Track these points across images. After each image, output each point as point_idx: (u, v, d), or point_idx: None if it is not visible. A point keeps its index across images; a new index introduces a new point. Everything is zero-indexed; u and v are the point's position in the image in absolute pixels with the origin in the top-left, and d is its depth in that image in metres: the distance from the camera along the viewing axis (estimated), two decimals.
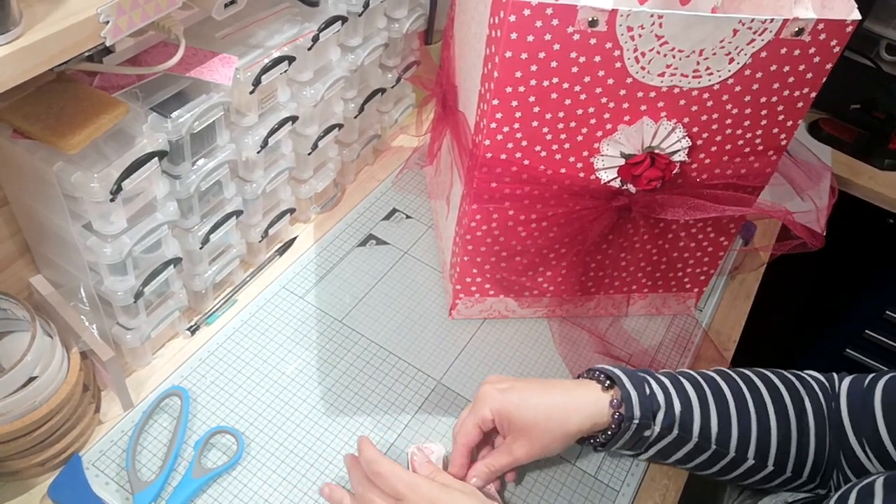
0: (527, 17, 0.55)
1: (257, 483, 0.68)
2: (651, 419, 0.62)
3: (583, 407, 0.63)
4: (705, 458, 0.64)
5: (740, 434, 0.62)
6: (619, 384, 0.63)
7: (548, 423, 0.63)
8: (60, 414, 0.63)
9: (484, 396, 0.65)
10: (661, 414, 0.62)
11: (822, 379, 0.67)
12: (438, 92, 0.84)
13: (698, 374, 0.67)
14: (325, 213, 0.96)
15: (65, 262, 0.67)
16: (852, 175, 1.21)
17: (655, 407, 0.62)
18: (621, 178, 0.68)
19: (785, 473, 0.63)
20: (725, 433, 0.62)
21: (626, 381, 0.63)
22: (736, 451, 0.63)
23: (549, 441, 0.63)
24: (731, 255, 0.96)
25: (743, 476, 0.65)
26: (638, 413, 0.62)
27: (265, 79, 0.70)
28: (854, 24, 0.59)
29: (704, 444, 0.63)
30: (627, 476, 0.72)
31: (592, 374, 0.67)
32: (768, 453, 0.63)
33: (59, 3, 0.49)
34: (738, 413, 0.63)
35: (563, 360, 0.81)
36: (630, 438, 0.63)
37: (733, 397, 0.64)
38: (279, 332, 0.81)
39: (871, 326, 1.40)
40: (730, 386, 0.65)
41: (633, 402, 0.62)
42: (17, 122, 0.56)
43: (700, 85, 0.62)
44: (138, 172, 0.60)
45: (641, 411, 0.62)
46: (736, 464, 0.63)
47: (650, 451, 0.65)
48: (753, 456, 0.63)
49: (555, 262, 0.78)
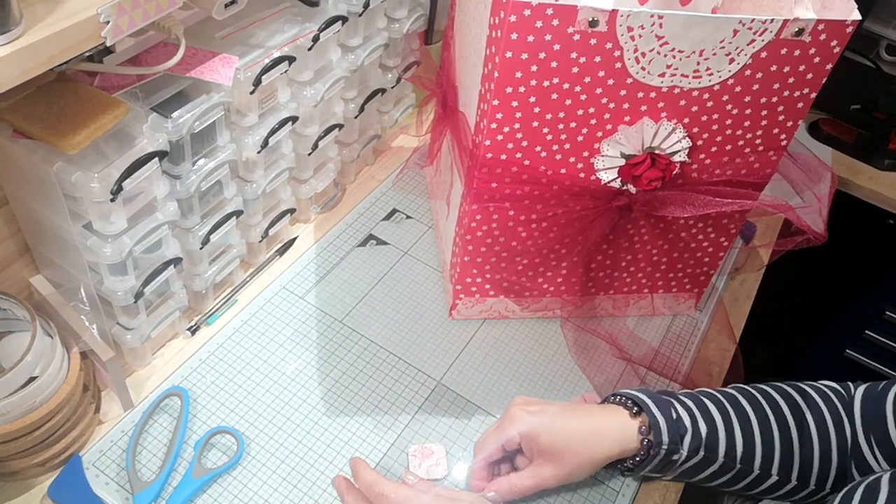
0: (527, 18, 0.55)
1: (257, 483, 0.68)
2: (679, 443, 0.63)
3: (611, 433, 0.63)
4: (730, 476, 0.64)
5: (764, 452, 0.63)
6: (647, 410, 0.63)
7: (577, 448, 0.63)
8: (60, 414, 0.63)
9: (512, 418, 0.64)
10: (687, 437, 0.63)
11: (839, 388, 0.68)
12: (438, 92, 0.84)
13: (720, 392, 0.67)
14: (325, 214, 0.96)
15: (65, 262, 0.67)
16: (852, 175, 1.21)
17: (682, 431, 0.63)
18: (621, 178, 0.68)
19: (808, 486, 0.64)
20: (750, 452, 0.63)
21: (654, 408, 0.63)
22: (760, 468, 0.63)
23: (576, 466, 0.63)
24: (731, 256, 0.96)
25: (768, 491, 0.65)
26: (666, 439, 0.62)
27: (265, 79, 0.70)
28: (854, 25, 0.59)
29: (730, 463, 0.63)
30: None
31: (617, 398, 0.67)
32: (791, 468, 0.64)
33: (60, 3, 0.49)
34: (761, 431, 0.64)
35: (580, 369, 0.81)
36: (658, 463, 0.64)
37: (755, 415, 0.64)
38: (279, 333, 0.81)
39: (871, 326, 1.40)
40: (751, 404, 0.65)
41: (662, 428, 0.62)
42: (18, 122, 0.56)
43: (700, 85, 0.62)
44: (138, 172, 0.60)
45: (669, 436, 0.62)
46: (760, 480, 0.64)
47: (676, 473, 0.66)
48: (777, 472, 0.64)
49: (555, 262, 0.78)
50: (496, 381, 0.79)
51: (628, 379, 0.81)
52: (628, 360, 0.82)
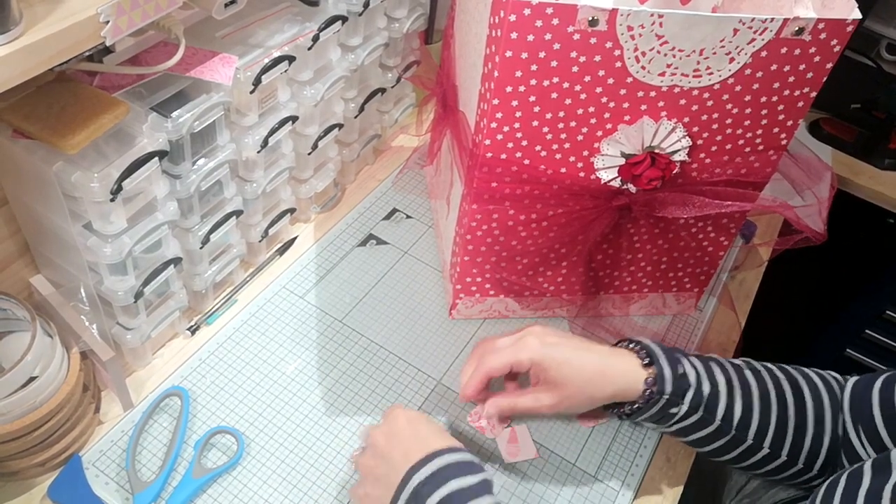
0: (527, 17, 0.55)
1: (257, 483, 0.68)
2: (680, 398, 0.64)
3: (618, 378, 0.65)
4: (723, 442, 0.65)
5: (760, 423, 0.64)
6: (656, 362, 0.65)
7: (581, 385, 0.65)
8: (60, 414, 0.63)
9: (527, 344, 0.66)
10: (689, 393, 0.64)
11: (839, 378, 0.69)
12: (438, 92, 0.84)
13: (727, 361, 0.69)
14: (325, 213, 0.96)
15: (65, 262, 0.67)
16: (852, 175, 1.21)
17: (685, 386, 0.64)
18: (621, 177, 0.68)
19: (796, 465, 0.65)
20: (746, 421, 0.64)
21: (663, 359, 0.65)
22: (753, 439, 0.64)
23: (577, 401, 0.66)
24: (731, 255, 0.96)
25: (757, 465, 0.66)
26: (669, 389, 0.63)
27: (265, 78, 0.69)
28: (854, 24, 0.59)
29: (725, 428, 0.64)
30: (627, 476, 0.72)
31: (630, 344, 0.68)
32: (783, 444, 0.64)
33: (60, 2, 0.49)
34: (760, 403, 0.65)
35: None
36: (656, 412, 0.65)
37: (758, 387, 0.66)
38: (279, 332, 0.81)
39: (871, 326, 1.40)
40: (755, 376, 0.67)
41: (666, 379, 0.63)
42: (17, 121, 0.56)
43: (700, 84, 0.62)
44: (138, 172, 0.60)
45: (672, 388, 0.63)
46: (752, 451, 0.65)
47: (672, 428, 0.66)
48: (769, 445, 0.64)
49: (555, 262, 0.78)
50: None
51: None
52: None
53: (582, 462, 0.73)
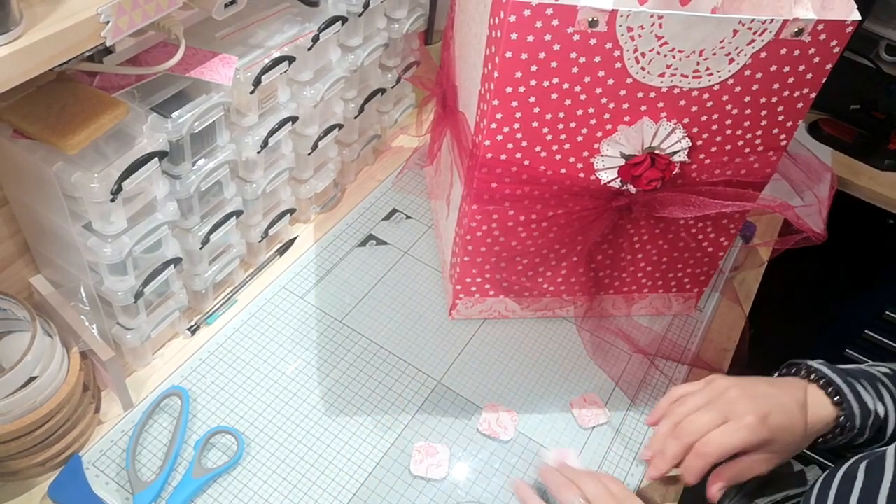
0: (527, 18, 0.55)
1: (257, 483, 0.68)
2: (866, 428, 0.65)
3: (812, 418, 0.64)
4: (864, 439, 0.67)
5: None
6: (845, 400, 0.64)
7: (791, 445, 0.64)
8: (60, 414, 0.63)
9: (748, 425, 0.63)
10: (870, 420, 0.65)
11: None
12: (438, 92, 0.84)
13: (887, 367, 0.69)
14: (325, 213, 0.96)
15: (65, 262, 0.67)
16: (852, 175, 1.21)
17: (867, 415, 0.65)
18: (621, 178, 0.68)
19: None
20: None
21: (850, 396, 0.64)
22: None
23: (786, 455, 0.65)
24: (731, 256, 0.96)
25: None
26: (858, 424, 0.64)
27: (265, 79, 0.70)
28: (854, 25, 0.59)
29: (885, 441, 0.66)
30: (627, 476, 0.72)
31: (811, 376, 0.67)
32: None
33: (60, 3, 0.49)
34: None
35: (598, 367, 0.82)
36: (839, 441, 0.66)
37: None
38: (279, 332, 0.81)
39: (871, 326, 1.40)
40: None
41: (856, 415, 0.64)
42: (18, 122, 0.56)
43: (700, 85, 0.62)
44: (138, 172, 0.60)
45: (860, 422, 0.64)
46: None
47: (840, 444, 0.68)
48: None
49: (555, 262, 0.78)
50: (496, 381, 0.79)
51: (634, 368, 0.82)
52: (645, 354, 0.83)
53: (582, 462, 0.73)
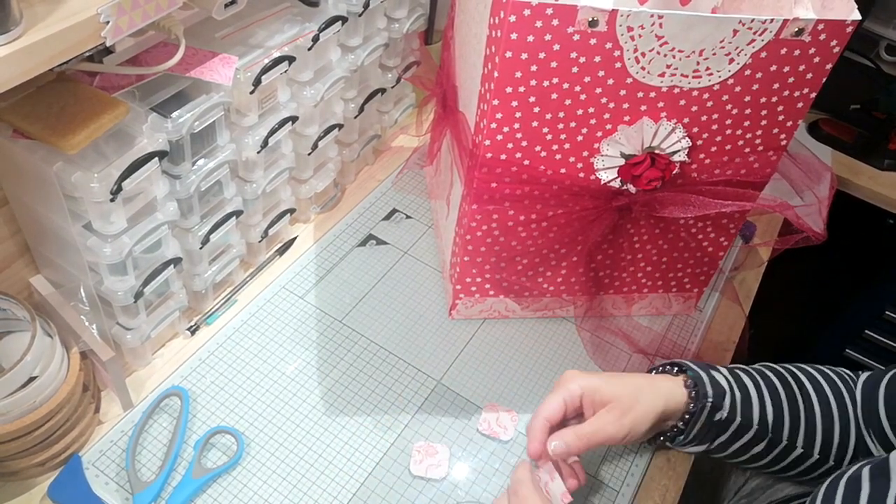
0: (527, 18, 0.55)
1: (257, 483, 0.68)
2: (721, 400, 0.65)
3: (664, 389, 0.66)
4: (762, 447, 0.66)
5: (791, 423, 0.65)
6: (689, 370, 0.67)
7: (637, 396, 0.65)
8: (60, 414, 0.63)
9: (569, 376, 0.66)
10: (727, 396, 0.65)
11: (851, 375, 0.70)
12: (438, 92, 0.84)
13: (750, 367, 0.70)
14: (325, 213, 0.96)
15: (65, 262, 0.67)
16: (852, 175, 1.21)
17: (722, 391, 0.65)
18: (621, 178, 0.68)
19: (828, 462, 0.66)
20: (779, 421, 0.65)
21: (695, 366, 0.67)
22: (788, 439, 0.65)
23: (637, 415, 0.64)
24: (731, 256, 0.96)
25: (790, 466, 0.67)
26: (710, 391, 0.64)
27: (265, 79, 0.70)
28: (854, 25, 0.59)
29: (762, 432, 0.65)
30: (627, 476, 0.72)
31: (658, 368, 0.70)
32: (814, 441, 0.66)
33: (60, 3, 0.49)
34: (788, 403, 0.66)
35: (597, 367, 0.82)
36: (704, 422, 0.65)
37: (783, 388, 0.67)
38: (279, 332, 0.81)
39: (871, 326, 1.40)
40: (778, 378, 0.68)
41: (705, 382, 0.65)
42: (18, 122, 0.56)
43: (700, 85, 0.62)
44: (138, 172, 0.60)
45: (713, 391, 0.64)
46: (787, 451, 0.66)
47: (715, 443, 0.67)
48: (802, 444, 0.65)
49: (555, 262, 0.78)
50: (496, 381, 0.79)
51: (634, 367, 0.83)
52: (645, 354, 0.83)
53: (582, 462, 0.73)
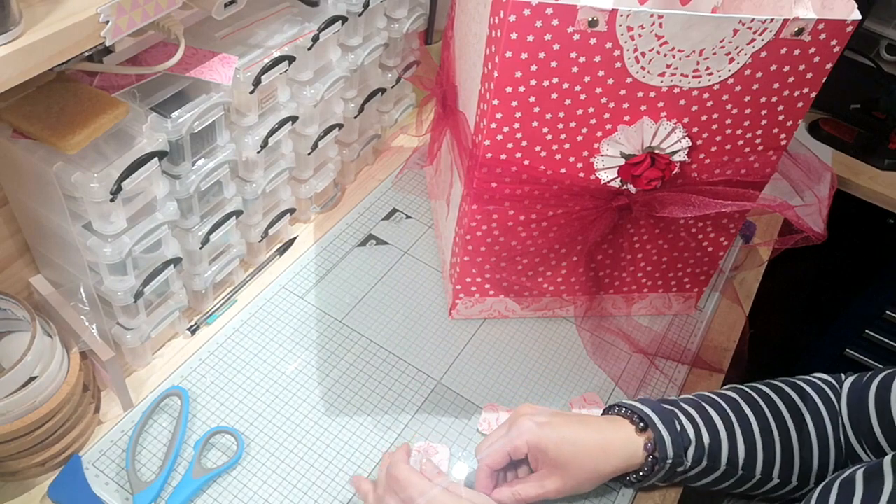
0: (527, 17, 0.55)
1: (257, 483, 0.68)
2: (683, 455, 0.63)
3: (617, 449, 0.64)
4: (732, 481, 0.65)
5: (765, 457, 0.64)
6: (652, 426, 0.64)
7: (583, 461, 0.63)
8: (60, 414, 0.63)
9: (521, 428, 0.64)
10: (691, 449, 0.63)
11: (831, 381, 0.69)
12: (438, 92, 0.84)
13: (720, 397, 0.68)
14: (325, 213, 0.96)
15: (65, 262, 0.67)
16: (852, 175, 1.21)
17: (686, 443, 0.63)
18: (621, 178, 0.68)
19: (808, 485, 0.65)
20: (751, 458, 0.64)
21: (659, 423, 0.64)
22: (762, 472, 0.64)
23: (583, 479, 0.63)
24: (731, 255, 0.96)
25: (769, 491, 0.66)
26: (671, 453, 0.63)
27: (265, 79, 0.69)
28: (854, 24, 0.59)
29: (731, 470, 0.64)
30: None
31: (622, 410, 0.67)
32: (792, 471, 0.65)
33: (60, 3, 0.49)
34: (762, 437, 0.64)
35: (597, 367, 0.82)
36: (663, 475, 0.65)
37: (757, 421, 0.65)
38: (279, 332, 0.81)
39: (871, 326, 1.40)
40: (752, 409, 0.66)
41: (667, 443, 0.63)
42: (17, 121, 0.56)
43: (700, 85, 0.62)
44: (138, 172, 0.60)
45: (674, 451, 0.63)
46: (762, 483, 0.65)
47: (678, 480, 0.67)
48: (778, 475, 0.65)
49: (555, 262, 0.78)
50: (496, 381, 0.79)
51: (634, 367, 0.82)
52: (645, 353, 0.83)
53: None
